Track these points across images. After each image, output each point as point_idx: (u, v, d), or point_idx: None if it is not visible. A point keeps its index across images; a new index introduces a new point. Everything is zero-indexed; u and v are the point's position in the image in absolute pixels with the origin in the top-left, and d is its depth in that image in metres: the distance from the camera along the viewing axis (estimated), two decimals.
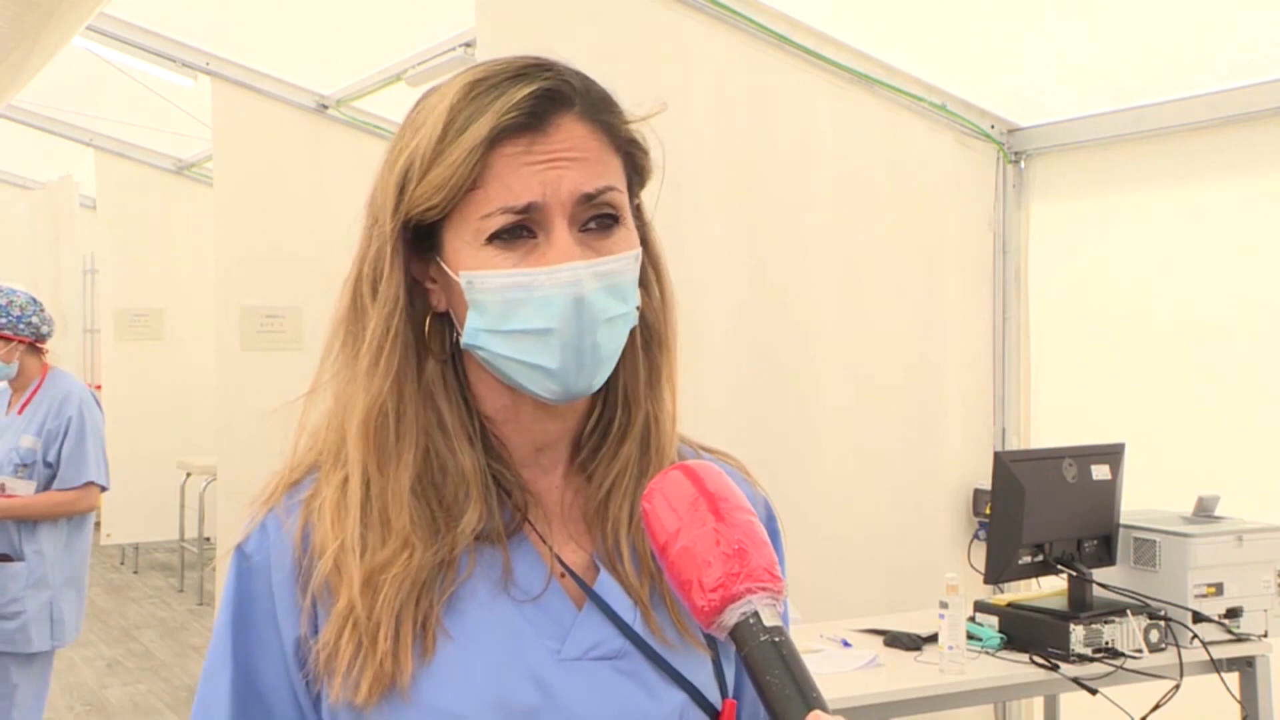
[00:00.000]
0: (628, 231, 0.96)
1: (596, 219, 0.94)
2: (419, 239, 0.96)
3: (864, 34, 3.64)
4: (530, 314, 0.92)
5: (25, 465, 3.72)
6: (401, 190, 0.94)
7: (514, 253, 0.92)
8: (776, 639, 0.81)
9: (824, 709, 0.79)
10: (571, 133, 0.93)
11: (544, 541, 0.98)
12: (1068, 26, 3.39)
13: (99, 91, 6.63)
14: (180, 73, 5.62)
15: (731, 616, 0.82)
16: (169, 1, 5.18)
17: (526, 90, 0.92)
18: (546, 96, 0.92)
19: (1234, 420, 3.47)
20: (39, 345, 3.84)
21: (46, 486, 3.77)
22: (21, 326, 3.74)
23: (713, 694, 0.98)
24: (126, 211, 8.12)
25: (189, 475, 7.94)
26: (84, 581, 3.94)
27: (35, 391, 3.80)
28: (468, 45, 4.48)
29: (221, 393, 5.43)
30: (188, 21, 5.29)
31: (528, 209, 0.91)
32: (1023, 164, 4.05)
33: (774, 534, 1.03)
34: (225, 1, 5.04)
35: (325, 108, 5.66)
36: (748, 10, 3.47)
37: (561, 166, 0.92)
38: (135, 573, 8.84)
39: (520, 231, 0.92)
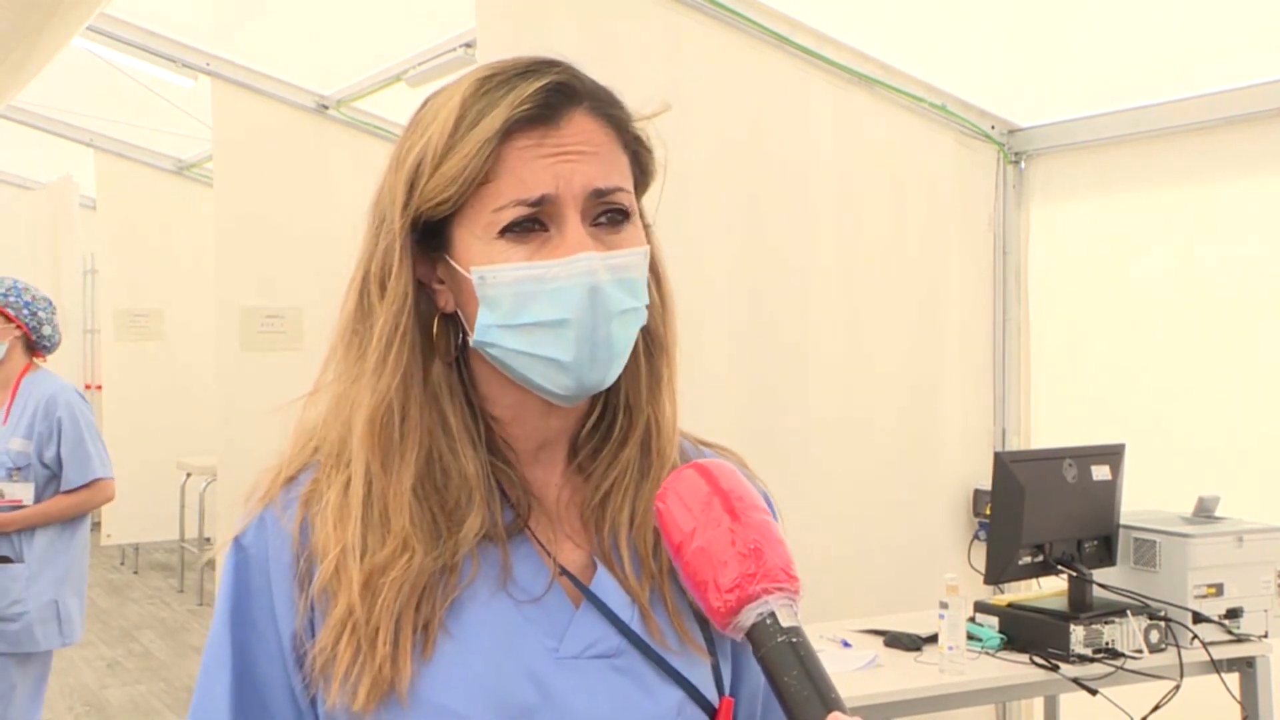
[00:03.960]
0: (636, 229, 0.97)
1: (607, 214, 0.95)
2: (426, 238, 0.96)
3: (864, 34, 3.64)
4: (544, 306, 0.92)
5: (19, 468, 3.70)
6: (411, 187, 0.94)
7: (526, 246, 0.92)
8: (794, 640, 0.81)
9: (842, 710, 0.79)
10: (582, 127, 0.94)
11: (542, 546, 0.98)
12: (1068, 26, 3.39)
13: (99, 91, 6.62)
14: (180, 73, 5.62)
15: (748, 617, 0.82)
16: (169, 1, 5.18)
17: (538, 84, 0.93)
18: (558, 90, 0.93)
19: (1234, 420, 3.47)
20: (35, 349, 3.80)
21: (45, 487, 3.76)
22: (25, 314, 3.71)
23: (710, 692, 0.98)
24: (126, 211, 8.11)
25: (189, 475, 7.94)
26: (84, 578, 3.93)
27: (14, 393, 3.77)
28: (468, 45, 4.48)
29: (221, 393, 5.42)
30: (188, 21, 5.29)
31: (541, 201, 0.92)
32: (1023, 164, 4.05)
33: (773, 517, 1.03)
34: (225, 1, 5.04)
35: (325, 108, 5.65)
36: (748, 10, 3.47)
37: (573, 160, 0.93)
38: (135, 573, 8.84)
39: (532, 225, 0.92)
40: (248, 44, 5.37)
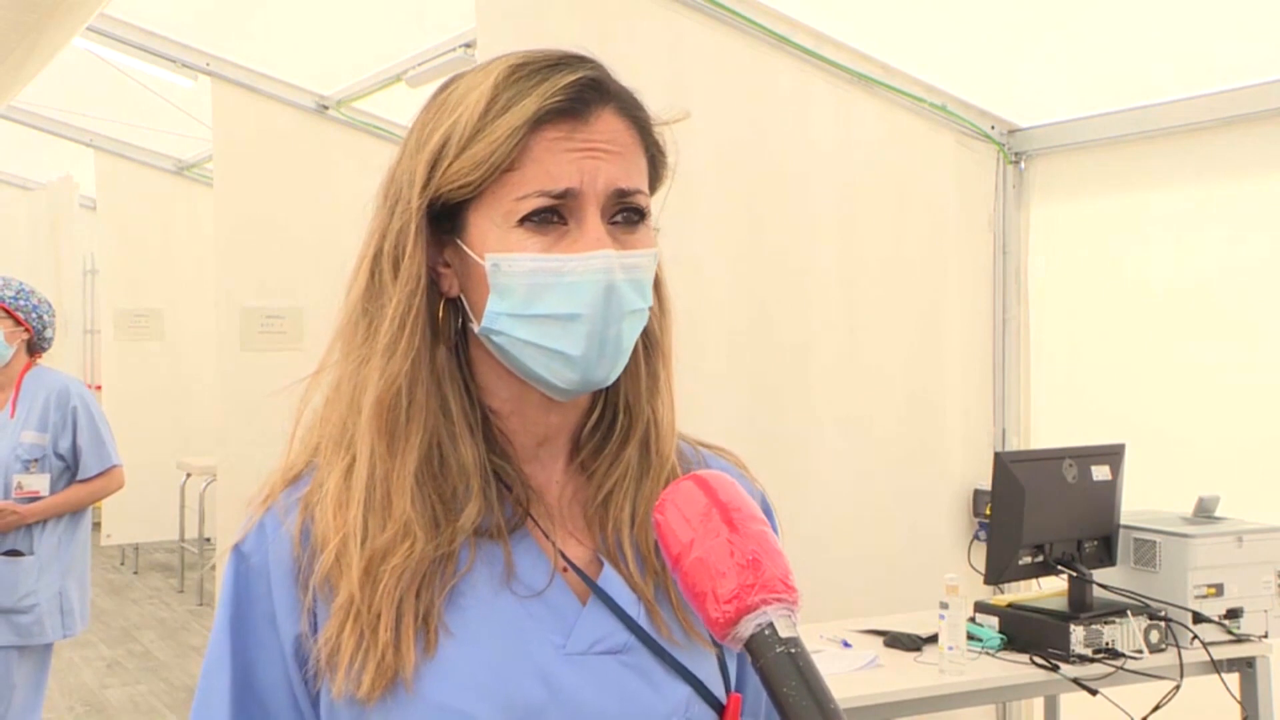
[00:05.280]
0: (649, 231, 0.98)
1: (624, 213, 0.95)
2: (438, 221, 0.96)
3: (864, 34, 3.64)
4: (558, 299, 0.92)
5: (35, 460, 3.75)
6: (433, 167, 0.94)
7: (544, 237, 0.93)
8: (793, 650, 0.81)
9: None
10: (610, 125, 0.95)
11: (547, 537, 0.98)
12: (1068, 26, 3.39)
13: (99, 91, 6.62)
14: (180, 73, 5.62)
15: (746, 628, 0.82)
16: (169, 1, 5.18)
17: (571, 77, 0.93)
18: (590, 85, 0.94)
19: (1234, 420, 3.47)
20: (34, 349, 3.86)
21: (58, 479, 3.80)
22: (32, 316, 3.78)
23: (717, 687, 0.99)
24: (126, 211, 8.11)
25: (189, 475, 7.94)
26: (87, 569, 3.97)
27: (18, 389, 3.81)
28: (468, 45, 4.48)
29: (221, 393, 5.43)
30: (188, 21, 5.29)
31: (564, 194, 0.92)
32: (1023, 164, 4.05)
33: (771, 527, 1.03)
34: (225, 1, 5.04)
35: (325, 108, 5.65)
36: (748, 10, 3.47)
37: (600, 157, 0.93)
38: (135, 573, 8.84)
39: (552, 217, 0.93)
40: (248, 44, 5.37)
